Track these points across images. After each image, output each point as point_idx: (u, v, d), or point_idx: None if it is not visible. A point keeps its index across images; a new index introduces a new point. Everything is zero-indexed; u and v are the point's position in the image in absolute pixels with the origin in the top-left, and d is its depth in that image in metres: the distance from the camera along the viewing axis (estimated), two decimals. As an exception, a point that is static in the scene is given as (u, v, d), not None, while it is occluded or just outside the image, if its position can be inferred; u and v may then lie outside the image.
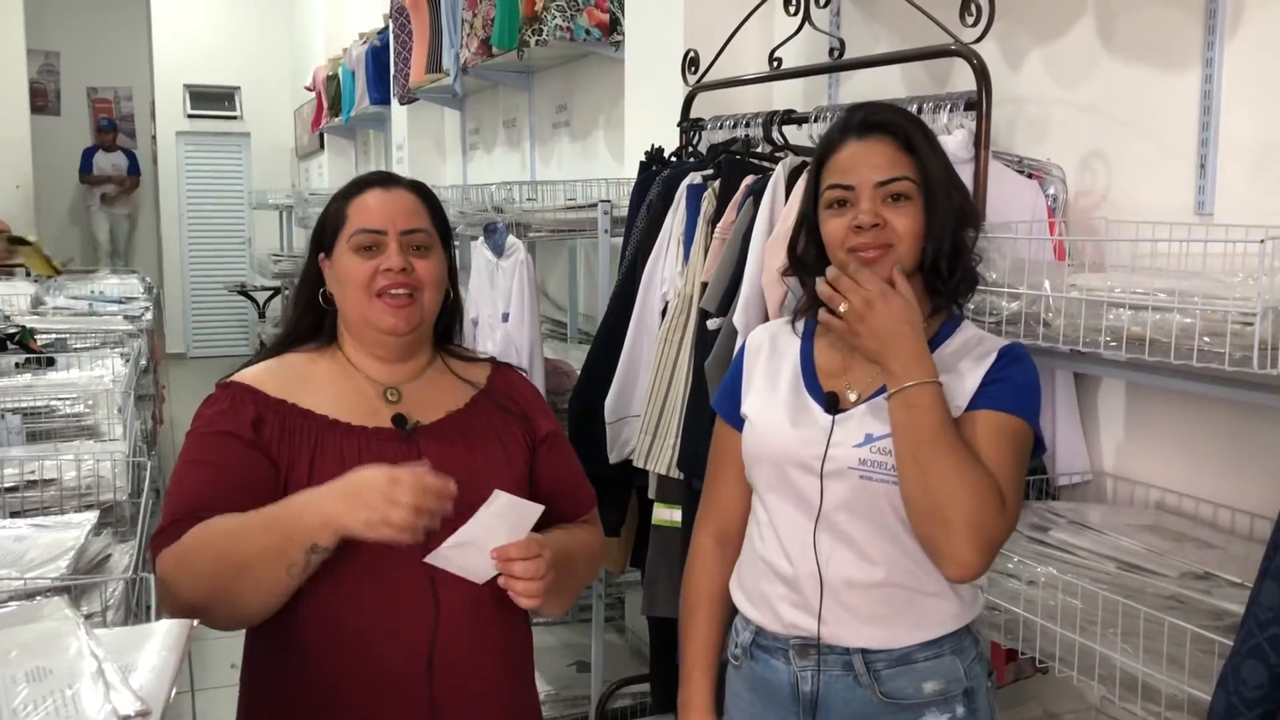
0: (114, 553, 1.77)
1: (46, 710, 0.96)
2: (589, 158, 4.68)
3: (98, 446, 2.41)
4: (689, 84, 3.03)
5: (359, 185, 1.61)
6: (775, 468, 1.52)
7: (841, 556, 1.46)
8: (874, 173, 1.46)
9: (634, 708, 3.47)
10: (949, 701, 1.47)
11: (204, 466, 1.48)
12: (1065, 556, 1.80)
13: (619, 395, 2.74)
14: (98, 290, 5.16)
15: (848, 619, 1.47)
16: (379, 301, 1.54)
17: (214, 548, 1.40)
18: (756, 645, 1.55)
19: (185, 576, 1.39)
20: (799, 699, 1.50)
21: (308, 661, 1.47)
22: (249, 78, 11.54)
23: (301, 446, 1.48)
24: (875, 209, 1.46)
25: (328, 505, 1.35)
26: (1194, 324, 1.44)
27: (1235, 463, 1.94)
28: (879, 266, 1.45)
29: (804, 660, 1.49)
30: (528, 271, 3.21)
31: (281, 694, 1.51)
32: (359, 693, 1.46)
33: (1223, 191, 1.94)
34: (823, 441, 1.46)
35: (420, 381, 1.61)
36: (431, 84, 5.76)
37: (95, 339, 3.95)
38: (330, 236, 1.59)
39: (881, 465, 1.43)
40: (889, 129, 1.49)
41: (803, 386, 1.54)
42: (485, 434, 1.61)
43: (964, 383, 1.46)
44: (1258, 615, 1.25)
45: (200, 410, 1.54)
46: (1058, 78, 2.28)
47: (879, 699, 1.46)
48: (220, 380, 1.59)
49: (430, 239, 1.59)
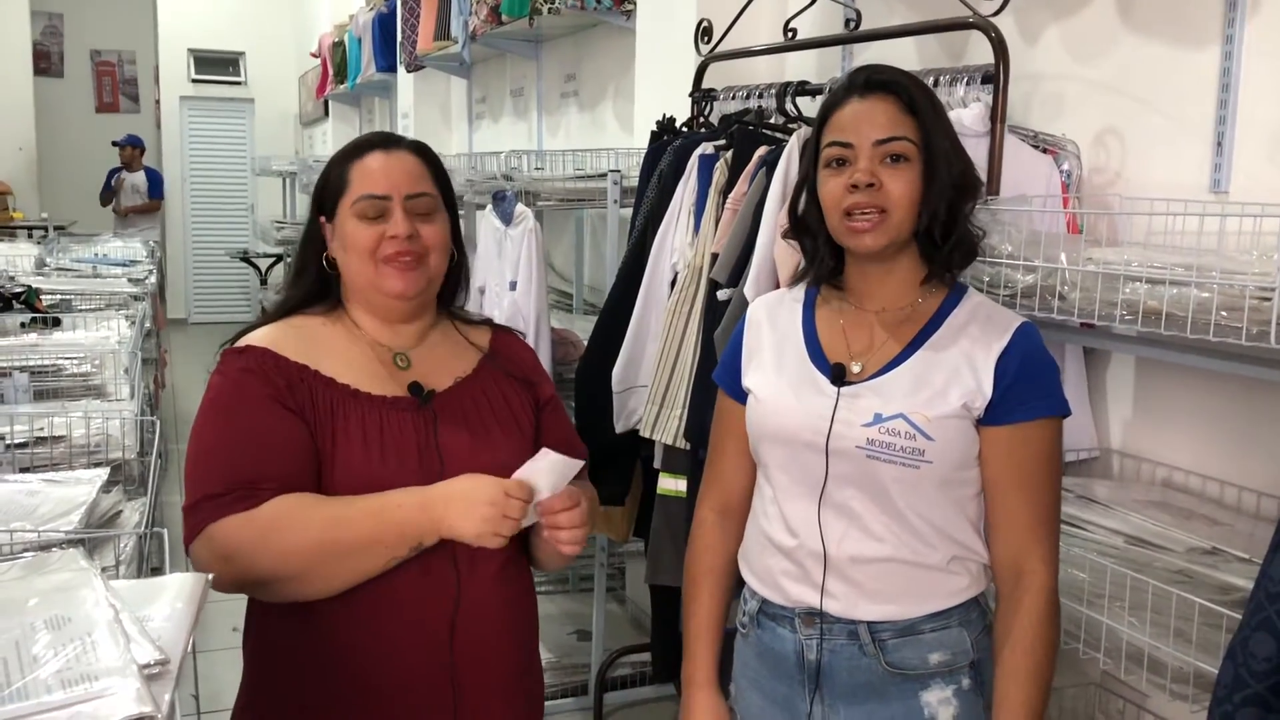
0: (124, 509, 1.78)
1: (67, 657, 0.96)
2: (597, 128, 4.66)
3: (106, 405, 2.42)
4: (701, 54, 3.01)
5: (360, 147, 1.58)
6: (780, 443, 1.50)
7: (846, 532, 1.45)
8: (874, 130, 1.43)
9: (634, 676, 3.50)
10: (955, 672, 1.46)
11: (250, 433, 1.44)
12: (1073, 531, 1.81)
13: (626, 365, 2.74)
14: (101, 253, 5.16)
15: (853, 594, 1.46)
16: (386, 266, 1.52)
17: (315, 530, 1.40)
18: (763, 614, 1.55)
19: (270, 552, 1.39)
20: (804, 667, 1.50)
21: (326, 631, 1.47)
22: (254, 43, 11.48)
23: (325, 416, 1.47)
24: (873, 168, 1.42)
25: (441, 511, 1.42)
26: (1211, 298, 1.43)
27: (1243, 440, 1.94)
28: (874, 236, 1.42)
29: (809, 629, 1.49)
30: (536, 240, 3.20)
31: (297, 662, 1.50)
32: (380, 662, 1.47)
33: (1239, 170, 1.93)
34: (828, 417, 1.45)
35: (426, 345, 1.61)
36: (439, 51, 5.72)
37: (100, 301, 3.95)
38: (331, 200, 1.56)
39: (890, 446, 1.41)
40: (892, 88, 1.45)
41: (807, 358, 1.52)
42: (495, 400, 1.61)
43: (976, 368, 1.44)
44: (1268, 588, 1.26)
45: (224, 372, 1.50)
46: (1075, 53, 2.27)
47: (884, 669, 1.46)
48: (229, 344, 1.55)
49: (434, 202, 1.58)
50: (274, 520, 1.40)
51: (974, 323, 1.47)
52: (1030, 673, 1.41)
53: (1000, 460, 1.43)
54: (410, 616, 1.46)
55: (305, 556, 1.40)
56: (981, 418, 1.42)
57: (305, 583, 1.41)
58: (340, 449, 1.45)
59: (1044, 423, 1.43)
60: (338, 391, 1.49)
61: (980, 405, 1.42)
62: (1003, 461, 1.43)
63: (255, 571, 1.40)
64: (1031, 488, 1.43)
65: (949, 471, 1.43)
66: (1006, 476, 1.43)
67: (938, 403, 1.42)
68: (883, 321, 1.50)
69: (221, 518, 1.40)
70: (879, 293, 1.50)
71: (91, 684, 0.92)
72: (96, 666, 0.95)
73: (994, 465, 1.44)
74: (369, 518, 1.41)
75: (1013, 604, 1.43)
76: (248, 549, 1.39)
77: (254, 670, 1.56)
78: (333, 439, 1.46)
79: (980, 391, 1.42)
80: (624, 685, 3.48)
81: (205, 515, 1.41)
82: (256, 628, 1.55)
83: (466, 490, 1.42)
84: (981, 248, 1.75)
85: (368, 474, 1.45)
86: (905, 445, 1.40)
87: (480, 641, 1.51)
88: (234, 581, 1.41)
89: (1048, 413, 1.43)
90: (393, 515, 1.41)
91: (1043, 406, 1.42)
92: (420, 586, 1.46)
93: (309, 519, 1.40)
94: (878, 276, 1.50)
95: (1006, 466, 1.43)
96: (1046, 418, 1.43)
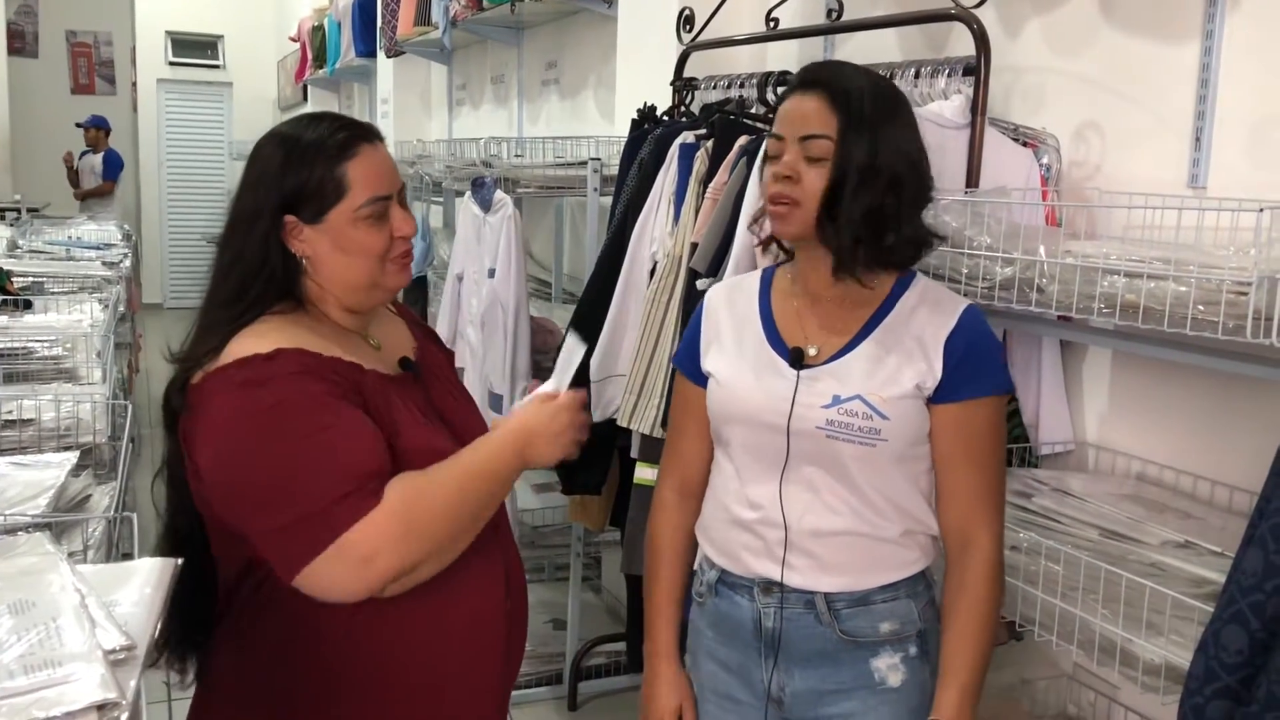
0: (94, 493, 1.76)
1: (30, 642, 0.95)
2: (578, 117, 4.64)
3: (77, 389, 2.39)
4: (683, 43, 3.00)
5: (346, 146, 1.46)
6: (743, 425, 1.57)
7: (807, 508, 1.52)
8: (800, 125, 1.50)
9: (609, 665, 3.50)
10: (903, 641, 1.54)
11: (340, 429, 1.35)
12: (1048, 523, 1.82)
13: (604, 354, 2.73)
14: (75, 236, 5.10)
15: (812, 566, 1.53)
16: (390, 264, 1.49)
17: (452, 506, 1.39)
18: (722, 583, 1.61)
19: (418, 539, 1.35)
20: (761, 634, 1.57)
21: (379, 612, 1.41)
22: (233, 26, 11.36)
23: (375, 404, 1.43)
24: (795, 162, 1.49)
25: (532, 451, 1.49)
26: (1189, 292, 1.44)
27: (1217, 435, 1.95)
28: (784, 224, 1.51)
29: (768, 598, 1.56)
30: (515, 226, 3.18)
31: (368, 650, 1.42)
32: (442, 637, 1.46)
33: (1217, 166, 1.94)
34: (789, 399, 1.51)
35: (376, 324, 1.59)
36: (419, 37, 5.68)
37: (73, 284, 3.90)
38: (317, 203, 1.44)
39: (847, 426, 1.48)
40: (825, 85, 1.50)
41: (766, 342, 1.58)
42: (443, 365, 1.66)
43: (926, 350, 1.50)
44: (1240, 581, 1.27)
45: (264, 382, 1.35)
46: (1056, 47, 2.27)
47: (838, 636, 1.53)
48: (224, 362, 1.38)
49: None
50: (409, 508, 1.34)
51: (923, 306, 1.54)
52: (974, 635, 1.49)
53: (949, 436, 1.51)
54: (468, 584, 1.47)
55: (448, 533, 1.39)
56: (931, 396, 1.50)
57: (440, 561, 1.40)
58: (404, 431, 1.43)
59: (989, 400, 1.51)
60: (371, 379, 1.45)
61: (931, 385, 1.50)
62: (952, 437, 1.51)
63: (399, 565, 1.34)
64: (977, 461, 1.51)
65: (904, 448, 1.50)
66: (955, 451, 1.51)
67: (892, 384, 1.49)
68: (838, 306, 1.56)
69: (355, 520, 1.31)
70: (823, 278, 1.56)
71: (55, 669, 0.91)
72: (60, 652, 0.94)
73: (944, 441, 1.51)
74: (487, 479, 1.44)
75: (959, 571, 1.52)
76: (393, 544, 1.33)
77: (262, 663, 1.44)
78: (394, 424, 1.42)
79: (931, 372, 1.49)
80: (599, 674, 3.48)
81: (337, 522, 1.30)
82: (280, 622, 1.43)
83: (546, 424, 1.49)
84: (960, 240, 1.76)
85: (432, 449, 1.44)
86: (862, 425, 1.48)
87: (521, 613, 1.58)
88: (375, 583, 1.33)
89: (993, 390, 1.51)
90: (502, 469, 1.46)
91: (988, 385, 1.51)
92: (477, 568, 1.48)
93: (442, 497, 1.38)
94: (815, 263, 1.56)
95: (955, 441, 1.51)
96: (991, 395, 1.51)
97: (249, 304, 1.44)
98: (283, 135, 1.49)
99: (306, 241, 1.46)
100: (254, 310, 1.44)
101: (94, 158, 9.86)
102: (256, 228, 1.45)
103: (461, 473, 1.41)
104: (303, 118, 1.52)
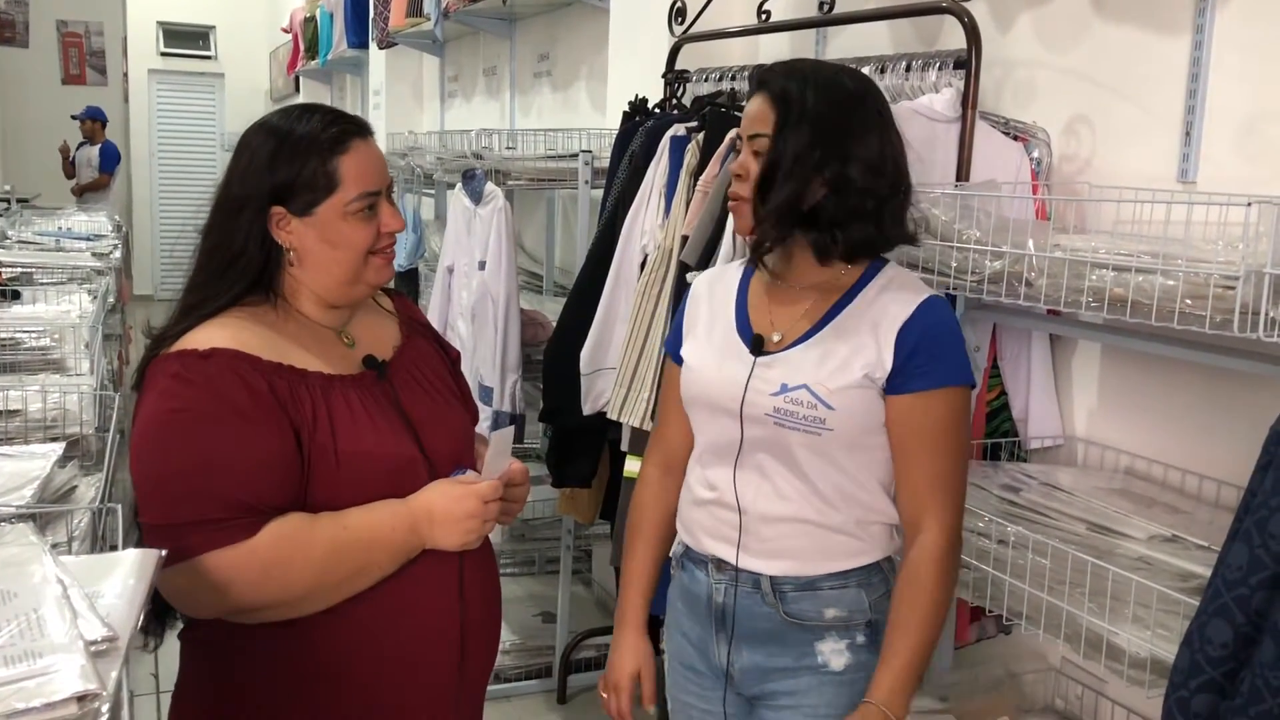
0: (80, 485, 1.75)
1: (11, 633, 0.94)
2: (570, 109, 4.63)
3: (64, 380, 2.37)
4: (675, 35, 2.99)
5: (339, 140, 1.45)
6: (702, 407, 1.62)
7: (758, 492, 1.56)
8: (748, 125, 1.57)
9: (599, 659, 3.49)
10: (850, 629, 1.57)
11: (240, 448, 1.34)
12: (1035, 517, 1.82)
13: (595, 347, 2.72)
14: (65, 226, 5.07)
15: (761, 550, 1.57)
16: (375, 259, 1.50)
17: (316, 563, 1.37)
18: (686, 558, 1.68)
19: (271, 587, 1.35)
20: (713, 610, 1.62)
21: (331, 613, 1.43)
22: (225, 17, 11.32)
23: (313, 411, 1.41)
24: (745, 160, 1.56)
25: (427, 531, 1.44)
26: (1176, 286, 1.44)
27: (1204, 429, 1.95)
28: (739, 219, 1.58)
29: (720, 574, 1.61)
30: (506, 219, 3.17)
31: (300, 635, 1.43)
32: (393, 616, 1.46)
33: (1206, 160, 1.94)
34: (742, 384, 1.55)
35: (357, 319, 1.58)
36: (412, 28, 5.66)
37: (62, 275, 3.88)
38: (307, 195, 1.44)
39: (793, 415, 1.51)
40: (767, 85, 1.56)
41: (734, 328, 1.62)
42: (431, 365, 1.63)
43: (879, 340, 1.51)
44: (1225, 575, 1.27)
45: (191, 379, 1.35)
46: (1047, 41, 2.26)
47: (782, 618, 1.57)
48: (164, 345, 1.41)
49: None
50: (276, 554, 1.34)
51: (884, 294, 1.55)
52: (916, 625, 1.50)
53: (902, 426, 1.52)
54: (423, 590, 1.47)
55: (306, 587, 1.38)
56: (885, 387, 1.51)
57: (296, 610, 1.39)
58: (342, 440, 1.41)
59: (945, 391, 1.51)
60: (315, 383, 1.44)
61: (880, 375, 1.50)
62: (905, 428, 1.51)
63: (250, 603, 1.35)
64: (931, 452, 1.51)
65: (854, 437, 1.52)
66: (909, 441, 1.52)
67: (840, 374, 1.51)
68: (804, 296, 1.59)
69: (218, 548, 1.32)
70: (791, 268, 1.59)
71: (35, 661, 0.90)
72: (41, 643, 0.93)
73: (897, 430, 1.52)
74: (365, 548, 1.40)
75: (907, 559, 1.53)
76: (246, 584, 1.33)
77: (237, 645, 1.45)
78: (331, 432, 1.41)
79: (880, 362, 1.50)
80: (589, 668, 3.48)
81: (198, 543, 1.32)
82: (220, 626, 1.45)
83: (448, 508, 1.45)
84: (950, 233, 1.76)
85: (374, 456, 1.43)
86: (807, 414, 1.50)
87: (479, 600, 1.54)
88: (220, 611, 1.36)
89: (948, 382, 1.51)
90: (386, 542, 1.42)
91: (942, 376, 1.50)
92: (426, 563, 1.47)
93: (310, 552, 1.36)
94: (782, 255, 1.59)
95: (908, 432, 1.51)
96: (947, 387, 1.51)
97: (223, 291, 1.45)
98: (274, 126, 1.49)
99: (294, 233, 1.46)
100: (227, 298, 1.45)
101: (90, 150, 9.80)
102: (242, 216, 1.46)
103: (342, 534, 1.39)
104: (293, 109, 1.51)
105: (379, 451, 1.44)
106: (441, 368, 1.65)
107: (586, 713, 3.36)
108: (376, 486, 1.43)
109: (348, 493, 1.42)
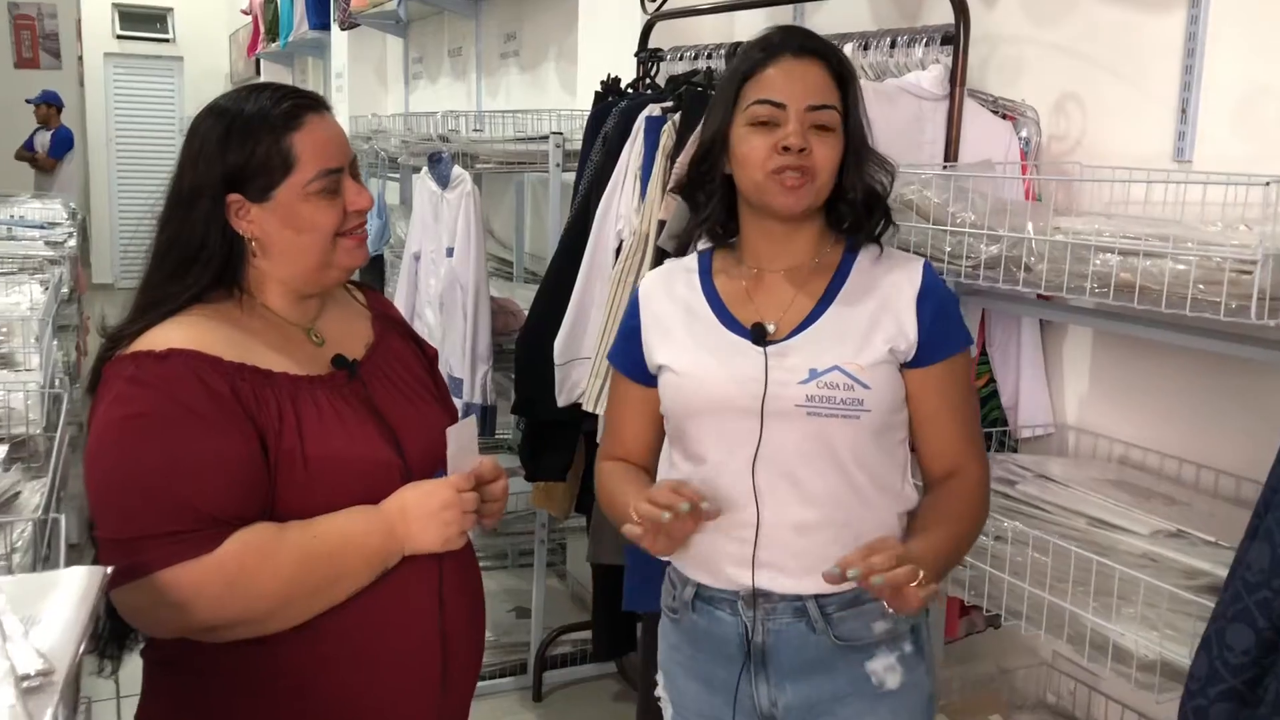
0: (23, 490, 1.65)
1: (-68, 669, 0.85)
2: (539, 90, 4.53)
3: (11, 376, 2.26)
4: (647, 13, 2.90)
5: (291, 116, 1.36)
6: (710, 414, 1.46)
7: (783, 498, 1.42)
8: (808, 94, 1.41)
9: (574, 655, 3.42)
10: (897, 640, 1.46)
11: (200, 457, 1.26)
12: (1033, 511, 1.75)
13: (569, 337, 2.63)
14: (18, 215, 4.91)
15: (797, 567, 1.42)
16: (345, 241, 1.40)
17: (284, 574, 1.28)
18: (699, 599, 1.50)
19: (236, 603, 1.26)
20: (748, 649, 1.46)
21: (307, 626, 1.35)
22: (182, -1, 11.10)
23: (278, 415, 1.33)
24: (804, 132, 1.41)
25: (403, 531, 1.36)
26: (1188, 271, 1.36)
27: (1203, 417, 1.89)
28: (797, 198, 1.41)
29: (750, 611, 1.45)
30: (474, 204, 3.08)
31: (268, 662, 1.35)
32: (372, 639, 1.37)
33: (1203, 138, 1.87)
34: (760, 379, 1.41)
35: (327, 315, 1.49)
36: (374, 9, 5.54)
37: (13, 265, 3.74)
38: (263, 179, 1.35)
39: (829, 400, 1.39)
40: (825, 55, 1.45)
41: (720, 325, 1.48)
42: (407, 364, 1.54)
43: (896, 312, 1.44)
44: (1246, 578, 1.20)
45: (147, 382, 1.27)
46: (1035, 16, 2.19)
47: (832, 643, 1.43)
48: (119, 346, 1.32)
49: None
50: (241, 566, 1.25)
51: (878, 267, 1.49)
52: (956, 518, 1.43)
53: (933, 396, 1.46)
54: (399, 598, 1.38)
55: (275, 601, 1.28)
56: (909, 361, 1.44)
57: (265, 627, 1.29)
58: (310, 443, 1.32)
59: (962, 354, 1.49)
60: (281, 385, 1.34)
61: (905, 348, 1.44)
62: (936, 398, 1.46)
63: (215, 620, 1.26)
64: (961, 412, 1.48)
65: (884, 416, 1.43)
66: (941, 409, 1.47)
67: (866, 351, 1.42)
68: (789, 280, 1.49)
69: (179, 562, 1.23)
70: (783, 252, 1.49)
71: (-44, 703, 0.81)
72: (-34, 680, 0.84)
73: (928, 402, 1.46)
74: (338, 556, 1.31)
75: (948, 483, 1.47)
76: (210, 600, 1.24)
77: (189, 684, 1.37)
78: (299, 435, 1.32)
79: (904, 335, 1.44)
80: (564, 664, 3.41)
81: (157, 557, 1.23)
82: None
83: (421, 502, 1.36)
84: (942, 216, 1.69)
85: (345, 460, 1.34)
86: (845, 396, 1.40)
87: (458, 602, 1.45)
88: (183, 629, 1.27)
89: (964, 345, 1.49)
90: (360, 548, 1.33)
91: (960, 341, 1.48)
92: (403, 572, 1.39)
93: (278, 563, 1.27)
94: (783, 236, 1.49)
95: (940, 400, 1.46)
96: (963, 350, 1.49)
97: (184, 289, 1.35)
98: (222, 108, 1.39)
99: (254, 221, 1.37)
100: (187, 296, 1.35)
101: (45, 135, 9.59)
102: (197, 208, 1.36)
103: (312, 543, 1.30)
104: (243, 89, 1.41)
105: (350, 455, 1.35)
106: (418, 367, 1.56)
107: (562, 711, 3.28)
108: (350, 493, 1.34)
109: (319, 501, 1.32)
